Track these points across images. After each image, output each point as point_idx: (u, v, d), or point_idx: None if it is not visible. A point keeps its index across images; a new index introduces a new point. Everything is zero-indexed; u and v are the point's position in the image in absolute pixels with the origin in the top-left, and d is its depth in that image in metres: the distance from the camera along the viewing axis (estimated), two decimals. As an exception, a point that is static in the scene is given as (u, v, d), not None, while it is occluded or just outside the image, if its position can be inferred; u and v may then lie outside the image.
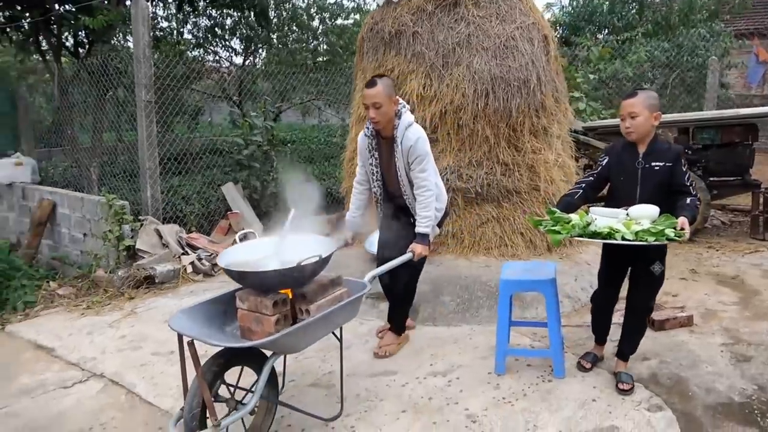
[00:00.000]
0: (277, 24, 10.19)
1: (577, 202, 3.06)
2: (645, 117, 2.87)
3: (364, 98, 3.32)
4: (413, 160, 3.32)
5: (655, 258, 2.99)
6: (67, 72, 7.35)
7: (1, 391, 3.42)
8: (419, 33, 4.91)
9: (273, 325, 2.53)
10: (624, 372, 3.18)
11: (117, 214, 5.31)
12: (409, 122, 3.35)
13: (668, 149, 2.93)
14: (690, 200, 2.81)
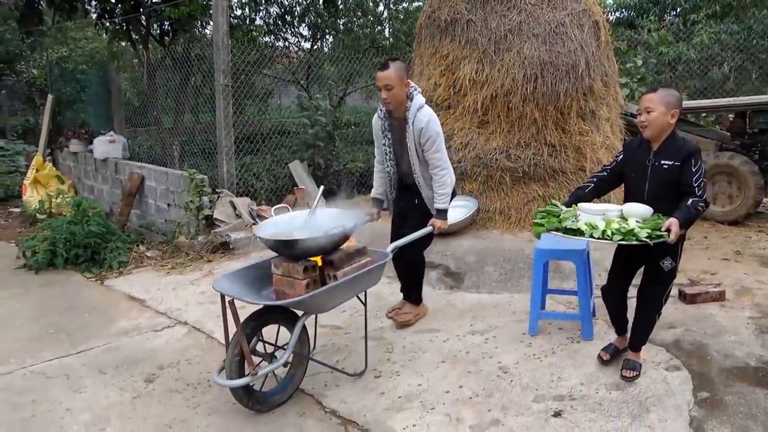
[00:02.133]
0: (344, 10, 10.62)
1: (588, 195, 3.13)
2: (660, 112, 2.83)
3: (378, 80, 3.48)
4: (425, 141, 3.52)
5: (665, 254, 2.96)
6: (154, 59, 8.09)
7: (105, 331, 4.07)
8: (473, 20, 5.21)
9: (303, 288, 2.85)
10: (631, 359, 3.19)
11: (197, 187, 5.93)
12: (421, 104, 3.52)
13: (681, 148, 2.88)
14: (691, 201, 2.76)
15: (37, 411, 3.02)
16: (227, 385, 2.80)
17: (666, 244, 2.76)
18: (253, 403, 2.92)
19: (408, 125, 3.54)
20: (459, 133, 5.31)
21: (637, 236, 2.70)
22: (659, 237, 2.69)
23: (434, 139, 3.53)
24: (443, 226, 3.69)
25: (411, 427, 2.85)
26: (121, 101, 8.28)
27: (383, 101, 3.52)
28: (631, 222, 2.79)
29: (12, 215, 7.68)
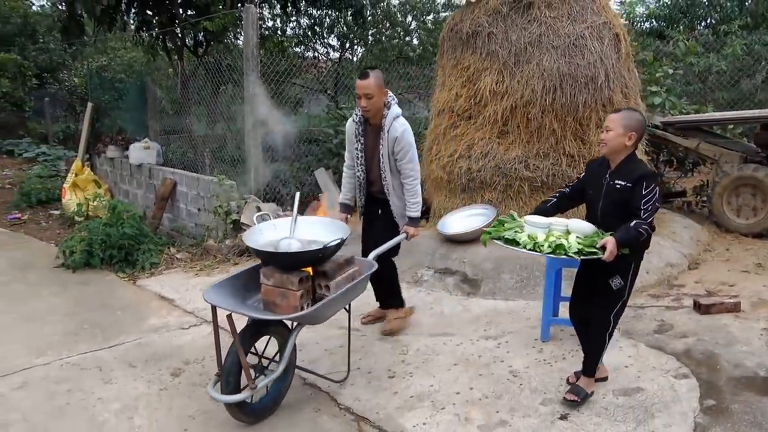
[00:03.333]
0: (372, 22, 10.85)
1: (549, 209, 3.14)
2: (617, 133, 2.85)
3: (357, 88, 3.54)
4: (399, 150, 3.61)
5: (615, 272, 2.94)
6: (188, 68, 8.41)
7: (135, 328, 4.29)
8: (494, 33, 5.33)
9: (298, 299, 2.81)
10: (579, 385, 3.09)
11: (226, 192, 6.16)
12: (397, 114, 3.62)
13: (634, 170, 2.86)
14: (635, 223, 2.74)
15: (72, 399, 3.24)
16: (225, 400, 2.76)
17: (617, 263, 2.79)
18: (245, 416, 2.90)
19: (383, 132, 3.62)
20: (479, 143, 5.42)
21: (566, 251, 2.76)
22: (592, 254, 2.73)
23: (407, 149, 3.63)
24: (416, 234, 3.80)
25: (421, 425, 2.97)
26: (156, 109, 8.62)
27: (362, 109, 3.58)
28: (571, 237, 2.82)
29: (52, 217, 8.05)
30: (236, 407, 2.83)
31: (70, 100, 15.06)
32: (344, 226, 3.32)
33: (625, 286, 3.00)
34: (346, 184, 3.99)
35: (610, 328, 3.07)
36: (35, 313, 4.51)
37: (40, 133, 15.65)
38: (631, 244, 2.78)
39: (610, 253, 2.70)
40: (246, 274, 3.11)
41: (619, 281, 2.97)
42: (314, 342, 3.97)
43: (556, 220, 2.98)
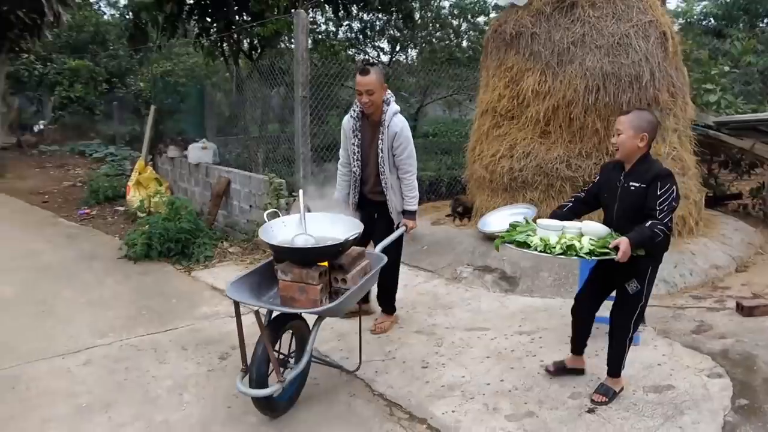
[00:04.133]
0: (422, 24, 10.98)
1: (565, 214, 3.13)
2: (628, 136, 2.84)
3: (358, 85, 3.60)
4: (398, 146, 3.72)
5: (631, 276, 2.93)
6: (243, 72, 8.79)
7: (189, 315, 4.57)
8: (537, 33, 5.37)
9: (318, 293, 2.84)
10: (605, 384, 3.13)
11: (276, 190, 6.43)
12: (397, 110, 3.73)
13: (648, 171, 2.84)
14: (650, 224, 2.71)
15: (129, 376, 3.52)
16: (255, 395, 2.80)
17: (633, 267, 2.82)
18: (270, 410, 2.96)
19: (383, 128, 3.70)
20: (521, 142, 5.47)
21: (577, 252, 2.75)
22: (604, 254, 2.72)
23: (406, 144, 3.75)
24: (414, 226, 3.90)
25: (450, 412, 3.08)
26: (213, 111, 9.04)
27: (364, 105, 3.66)
28: (584, 239, 2.80)
29: (117, 213, 8.56)
30: (263, 401, 2.88)
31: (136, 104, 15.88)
32: (352, 220, 3.31)
33: (642, 290, 2.97)
34: (341, 182, 4.06)
35: (631, 333, 3.07)
36: (100, 299, 4.88)
37: (108, 135, 16.58)
38: (645, 245, 2.75)
39: (623, 254, 2.67)
40: (261, 271, 3.14)
41: (636, 285, 2.95)
42: (353, 332, 4.14)
43: (570, 223, 2.97)
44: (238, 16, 8.29)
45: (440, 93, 11.65)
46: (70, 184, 10.97)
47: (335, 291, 3.02)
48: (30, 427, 2.96)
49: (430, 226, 6.13)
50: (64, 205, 9.07)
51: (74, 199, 9.52)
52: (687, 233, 5.19)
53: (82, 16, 18.21)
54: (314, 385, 3.40)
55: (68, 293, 4.99)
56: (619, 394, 3.13)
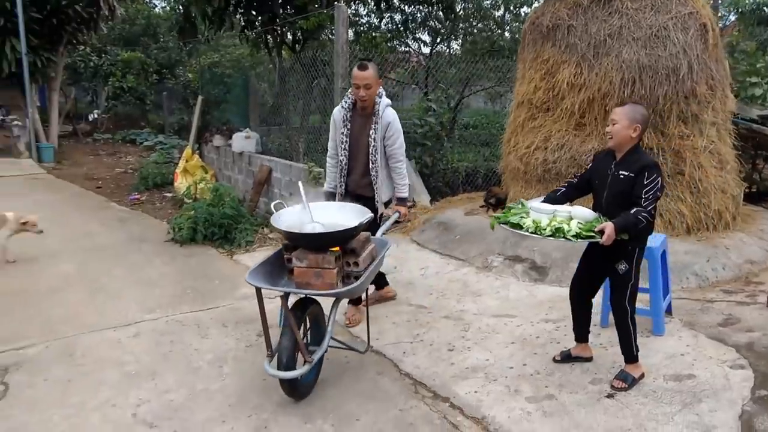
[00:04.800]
0: (463, 16, 11.00)
1: (558, 198, 3.29)
2: (623, 126, 3.01)
3: (357, 79, 3.76)
4: (391, 135, 3.90)
5: (620, 258, 3.11)
6: (286, 64, 9.03)
7: (230, 295, 4.83)
8: (574, 26, 5.38)
9: (334, 277, 2.94)
10: (624, 371, 3.24)
11: (315, 178, 6.64)
12: (388, 102, 3.91)
13: (638, 161, 3.00)
14: (634, 211, 2.89)
15: (174, 348, 3.79)
16: (285, 376, 2.91)
17: (621, 250, 3.04)
18: (297, 392, 3.08)
19: (377, 118, 3.87)
20: (556, 134, 5.51)
21: (565, 234, 2.91)
22: (590, 237, 2.90)
23: (398, 134, 3.94)
24: (407, 213, 4.02)
25: (473, 393, 3.22)
26: (257, 102, 9.33)
27: (361, 98, 3.82)
28: (573, 223, 2.96)
29: (165, 198, 8.96)
30: (291, 383, 3.00)
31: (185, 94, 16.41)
32: (358, 207, 3.40)
33: (631, 270, 3.14)
34: (330, 173, 4.17)
35: (629, 314, 3.20)
36: (148, 278, 5.20)
37: (158, 124, 17.21)
38: (629, 230, 2.93)
39: (607, 237, 2.85)
40: (272, 261, 3.22)
41: (624, 266, 3.14)
42: (384, 316, 4.31)
43: (561, 207, 3.13)
44: (282, 9, 8.53)
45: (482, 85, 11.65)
46: (121, 171, 11.51)
47: (347, 275, 3.12)
48: (85, 389, 3.25)
49: (463, 216, 6.23)
50: (116, 191, 9.56)
51: (125, 185, 10.01)
52: (723, 228, 5.14)
53: (135, 9, 18.90)
54: (344, 363, 3.59)
55: (120, 272, 5.33)
56: (640, 381, 3.21)
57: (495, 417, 2.99)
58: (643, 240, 3.17)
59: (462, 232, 5.83)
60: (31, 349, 3.73)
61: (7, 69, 11.62)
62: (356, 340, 3.92)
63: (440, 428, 2.92)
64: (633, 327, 3.21)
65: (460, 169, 8.03)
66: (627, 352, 3.24)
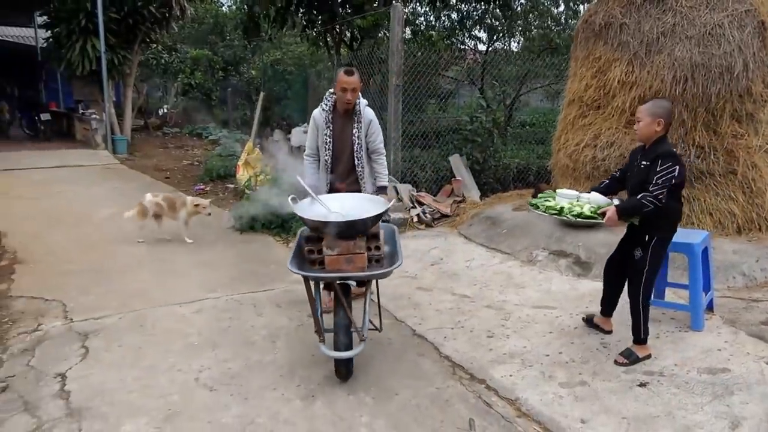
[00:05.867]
0: (520, 13, 11.00)
1: (602, 189, 3.56)
2: (646, 123, 3.24)
3: (346, 83, 3.98)
4: (373, 132, 4.20)
5: (637, 245, 3.38)
6: (343, 61, 9.34)
7: (284, 278, 5.12)
8: (626, 24, 5.40)
9: (365, 261, 3.12)
10: (629, 347, 3.48)
11: (367, 172, 6.90)
12: (366, 102, 4.19)
13: (655, 150, 3.21)
14: (641, 195, 3.13)
15: (232, 324, 4.13)
16: (348, 355, 3.13)
17: (640, 237, 3.36)
18: (350, 371, 3.28)
19: (358, 117, 4.15)
20: (606, 132, 5.55)
21: (566, 214, 3.39)
22: (591, 218, 3.33)
23: (378, 130, 4.26)
24: (392, 198, 4.16)
25: (508, 377, 3.38)
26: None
27: (347, 101, 4.04)
28: (585, 207, 3.40)
29: (228, 189, 9.45)
30: (348, 362, 3.22)
31: (248, 90, 17.08)
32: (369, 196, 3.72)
33: (645, 258, 3.33)
34: (309, 170, 4.31)
35: (641, 301, 3.41)
36: (211, 261, 5.60)
37: (223, 119, 17.98)
38: (632, 213, 3.22)
39: (608, 218, 3.21)
40: (296, 253, 3.37)
41: (639, 253, 3.37)
42: (428, 303, 4.52)
43: (584, 194, 3.52)
44: (341, 8, 8.84)
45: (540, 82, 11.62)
46: (188, 163, 12.16)
47: (370, 258, 3.26)
48: (154, 356, 3.62)
49: (511, 212, 6.34)
50: (183, 181, 10.15)
51: (191, 176, 10.60)
52: (774, 227, 5.05)
53: (204, 9, 19.76)
54: (387, 345, 3.82)
55: (184, 255, 5.76)
56: (643, 360, 3.43)
57: (528, 399, 3.14)
58: (662, 230, 3.35)
59: (509, 226, 5.95)
60: (108, 318, 4.16)
61: (88, 66, 12.47)
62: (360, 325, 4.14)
63: (474, 406, 3.10)
64: (644, 312, 3.42)
65: (511, 165, 8.11)
66: (635, 334, 3.47)
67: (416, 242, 6.07)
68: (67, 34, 12.44)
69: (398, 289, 4.81)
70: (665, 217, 3.28)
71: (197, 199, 6.23)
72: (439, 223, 6.71)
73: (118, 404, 3.06)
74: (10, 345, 3.73)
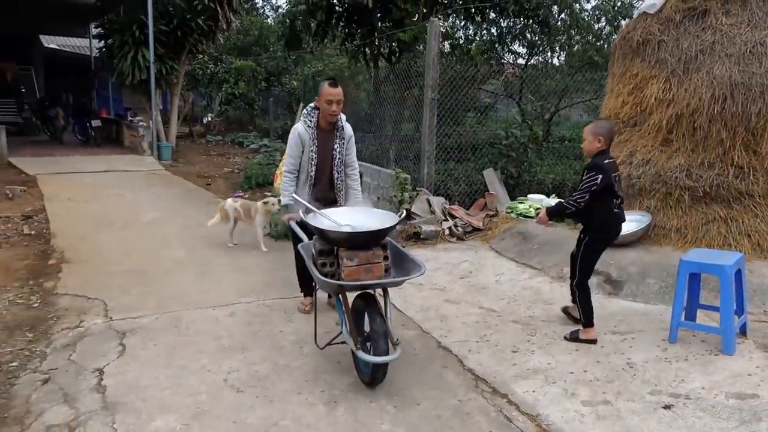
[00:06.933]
0: (561, 28, 10.97)
1: None
2: (589, 140, 3.83)
3: (331, 95, 4.06)
4: (350, 147, 4.35)
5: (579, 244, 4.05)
6: (381, 74, 9.49)
7: (315, 287, 5.25)
8: (664, 41, 5.36)
9: (382, 269, 3.26)
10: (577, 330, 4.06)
11: (401, 184, 6.99)
12: (345, 117, 4.29)
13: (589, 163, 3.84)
14: (567, 199, 3.93)
15: (262, 328, 4.25)
16: (390, 359, 3.20)
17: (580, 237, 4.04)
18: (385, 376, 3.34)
19: (339, 132, 4.27)
20: (641, 150, 5.49)
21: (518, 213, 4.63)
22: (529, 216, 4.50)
23: (354, 145, 4.41)
24: None
25: (530, 392, 3.39)
26: (352, 110, 9.85)
27: (332, 113, 4.12)
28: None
29: (266, 197, 9.69)
30: (386, 367, 3.28)
31: (289, 101, 17.44)
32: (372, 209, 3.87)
33: (578, 254, 4.03)
34: (290, 186, 4.32)
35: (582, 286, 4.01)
36: (246, 266, 5.76)
37: (264, 128, 18.38)
38: (556, 213, 4.01)
39: (539, 217, 4.05)
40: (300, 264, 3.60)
41: (576, 249, 4.10)
42: (455, 316, 4.55)
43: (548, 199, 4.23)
44: (381, 22, 8.99)
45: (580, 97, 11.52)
46: (229, 171, 12.49)
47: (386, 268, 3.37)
48: (187, 355, 3.76)
49: (543, 227, 6.30)
50: (223, 188, 10.43)
51: (232, 183, 10.88)
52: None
53: (249, 21, 20.31)
54: (413, 355, 3.87)
55: (222, 260, 5.94)
56: (587, 343, 3.94)
57: (549, 415, 3.15)
58: (594, 231, 3.94)
59: (540, 242, 5.93)
60: (145, 318, 4.34)
61: (137, 76, 13.00)
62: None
63: (495, 420, 3.12)
64: (584, 300, 4.01)
65: (546, 180, 8.07)
66: (581, 318, 4.04)
67: (447, 255, 6.11)
68: (120, 45, 13.00)
69: (426, 301, 4.86)
70: (595, 220, 3.90)
71: (265, 199, 6.54)
72: (470, 237, 6.72)
73: (150, 400, 3.20)
74: (53, 340, 3.94)
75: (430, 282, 5.29)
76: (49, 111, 16.74)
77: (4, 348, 3.82)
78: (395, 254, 3.58)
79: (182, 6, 12.77)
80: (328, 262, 3.39)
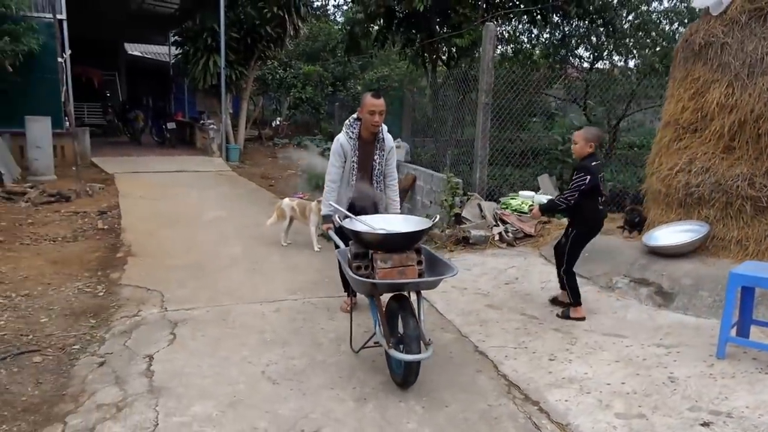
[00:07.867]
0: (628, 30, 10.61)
1: None
2: (581, 145, 4.26)
3: (375, 106, 4.15)
4: (391, 157, 4.46)
5: (565, 235, 4.56)
6: (439, 78, 9.52)
7: (361, 287, 5.36)
8: (728, 44, 5.12)
9: (416, 271, 3.32)
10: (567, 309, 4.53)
11: (452, 188, 7.01)
12: (386, 128, 4.37)
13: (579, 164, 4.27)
14: (555, 197, 4.60)
15: (304, 325, 4.40)
16: (424, 357, 3.27)
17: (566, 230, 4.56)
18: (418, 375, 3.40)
19: (382, 144, 4.38)
20: (701, 157, 5.26)
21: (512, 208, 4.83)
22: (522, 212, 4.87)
23: (395, 156, 4.54)
24: None
25: (563, 401, 3.35)
26: (410, 114, 9.95)
27: (375, 124, 4.22)
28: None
29: (323, 199, 9.96)
30: (419, 366, 3.35)
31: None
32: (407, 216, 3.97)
33: (566, 244, 4.46)
34: (332, 195, 4.38)
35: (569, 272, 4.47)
36: (297, 265, 5.96)
37: (329, 132, 18.78)
38: (548, 209, 4.61)
39: (533, 213, 4.66)
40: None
41: (563, 240, 4.54)
42: (495, 321, 4.54)
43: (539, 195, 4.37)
44: (439, 27, 9.03)
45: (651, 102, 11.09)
46: (292, 173, 12.87)
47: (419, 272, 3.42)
48: (231, 346, 3.96)
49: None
50: (285, 189, 10.78)
51: (294, 184, 11.22)
52: None
53: (318, 27, 20.83)
54: (448, 358, 3.90)
55: (275, 258, 6.18)
56: (574, 320, 4.43)
57: (579, 426, 3.10)
58: (580, 226, 4.39)
59: (591, 250, 5.75)
60: (196, 311, 4.59)
61: (209, 81, 13.64)
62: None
63: (522, 426, 3.11)
64: (572, 283, 4.45)
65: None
66: (570, 300, 4.49)
67: (495, 260, 6.08)
68: (194, 52, 13.70)
69: (469, 305, 4.87)
70: (581, 216, 4.33)
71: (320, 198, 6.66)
72: (521, 243, 6.64)
73: (192, 387, 3.41)
74: (113, 326, 4.25)
75: (474, 287, 5.30)
76: (130, 114, 17.83)
77: (69, 332, 4.16)
78: (429, 260, 3.62)
79: (252, 14, 13.31)
80: (363, 265, 3.47)
